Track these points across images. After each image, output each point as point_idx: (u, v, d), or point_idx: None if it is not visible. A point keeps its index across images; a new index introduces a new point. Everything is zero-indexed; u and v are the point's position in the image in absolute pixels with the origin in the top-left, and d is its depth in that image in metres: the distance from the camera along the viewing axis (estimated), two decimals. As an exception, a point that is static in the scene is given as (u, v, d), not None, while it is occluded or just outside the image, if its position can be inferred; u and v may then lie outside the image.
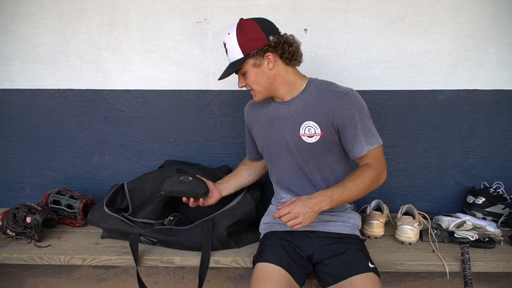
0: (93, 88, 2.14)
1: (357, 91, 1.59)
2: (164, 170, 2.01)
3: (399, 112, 2.09)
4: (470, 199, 2.06)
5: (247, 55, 1.54)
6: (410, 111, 2.09)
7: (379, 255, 1.70)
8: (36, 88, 2.15)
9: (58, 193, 2.02)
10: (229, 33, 1.56)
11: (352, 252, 1.56)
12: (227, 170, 2.09)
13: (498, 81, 2.04)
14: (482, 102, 2.07)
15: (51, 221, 1.95)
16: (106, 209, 1.84)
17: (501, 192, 2.03)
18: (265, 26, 1.55)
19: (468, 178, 2.15)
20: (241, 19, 1.57)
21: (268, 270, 1.50)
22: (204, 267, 1.69)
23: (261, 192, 1.95)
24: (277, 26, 1.60)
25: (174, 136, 2.19)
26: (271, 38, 1.54)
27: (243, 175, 1.88)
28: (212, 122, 2.16)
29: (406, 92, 2.07)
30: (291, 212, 1.42)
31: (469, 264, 1.63)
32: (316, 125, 1.58)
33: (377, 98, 2.07)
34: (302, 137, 1.60)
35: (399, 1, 1.98)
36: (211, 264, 1.72)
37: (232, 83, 2.09)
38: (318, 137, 1.59)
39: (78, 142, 2.21)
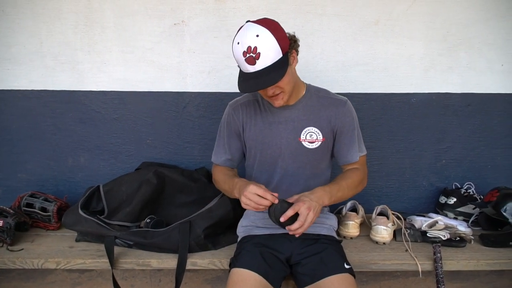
0: (68, 89, 2.11)
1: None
2: (141, 172, 1.99)
3: (373, 114, 2.13)
4: (442, 199, 2.12)
5: (285, 54, 1.41)
6: (384, 113, 2.13)
7: (355, 255, 1.73)
8: (10, 88, 2.11)
9: (32, 195, 1.98)
10: (257, 35, 1.34)
11: (329, 253, 1.56)
12: (205, 172, 2.08)
13: (468, 84, 2.11)
14: (454, 105, 2.13)
15: (24, 224, 1.90)
16: (81, 212, 1.81)
17: (471, 193, 2.09)
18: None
19: (441, 179, 2.20)
20: (258, 19, 1.43)
21: (244, 276, 1.47)
22: (181, 269, 1.68)
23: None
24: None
25: (151, 138, 2.17)
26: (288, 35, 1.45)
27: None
28: (190, 124, 2.15)
29: (380, 95, 2.11)
30: (301, 210, 1.36)
31: (441, 263, 1.67)
32: (318, 131, 1.60)
33: (352, 100, 2.04)
34: (303, 142, 1.60)
35: (373, 6, 2.02)
36: (188, 266, 1.71)
37: (209, 85, 2.10)
38: (320, 143, 1.60)
39: (52, 143, 2.17)
